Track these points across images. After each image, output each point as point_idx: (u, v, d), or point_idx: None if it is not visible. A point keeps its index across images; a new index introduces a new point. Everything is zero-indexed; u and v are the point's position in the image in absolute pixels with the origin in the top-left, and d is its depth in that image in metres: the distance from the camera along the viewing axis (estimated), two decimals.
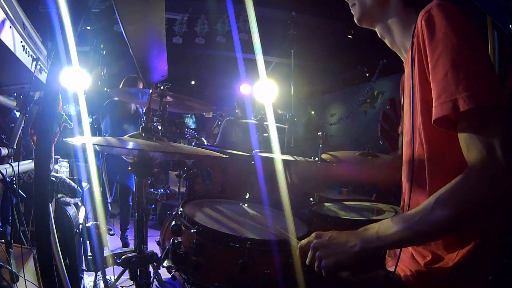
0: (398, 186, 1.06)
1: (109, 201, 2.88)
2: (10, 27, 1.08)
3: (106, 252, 1.58)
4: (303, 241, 0.88)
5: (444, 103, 0.71)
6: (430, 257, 0.84)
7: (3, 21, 1.03)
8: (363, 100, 4.89)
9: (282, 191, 1.47)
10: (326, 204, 1.98)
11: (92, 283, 1.99)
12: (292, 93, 3.19)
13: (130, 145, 1.19)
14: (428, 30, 0.76)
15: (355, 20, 1.01)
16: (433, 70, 0.75)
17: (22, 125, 1.68)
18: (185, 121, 8.04)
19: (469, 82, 0.68)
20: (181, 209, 1.35)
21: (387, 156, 2.03)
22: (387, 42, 1.01)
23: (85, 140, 1.28)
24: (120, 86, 3.38)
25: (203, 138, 4.35)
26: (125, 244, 3.41)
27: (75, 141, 1.19)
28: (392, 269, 0.94)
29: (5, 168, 1.31)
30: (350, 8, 1.02)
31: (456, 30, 0.73)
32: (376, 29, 1.01)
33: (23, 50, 1.20)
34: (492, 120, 0.68)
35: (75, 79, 1.72)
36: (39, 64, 1.33)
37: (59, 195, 1.82)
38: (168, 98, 2.16)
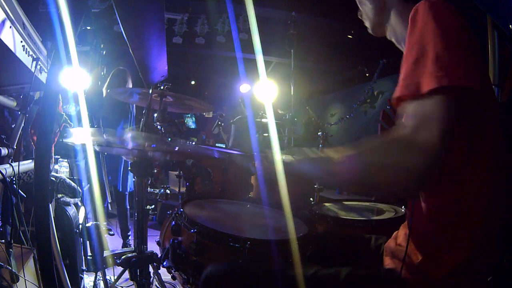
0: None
1: (109, 201, 2.87)
2: (10, 27, 1.08)
3: (106, 252, 1.58)
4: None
5: (409, 85, 0.72)
6: (423, 257, 0.84)
7: (3, 21, 1.03)
8: (363, 100, 4.89)
9: (282, 191, 1.47)
10: (326, 204, 1.98)
11: (92, 283, 1.99)
12: (292, 93, 3.18)
13: (130, 145, 1.19)
14: (411, 25, 0.78)
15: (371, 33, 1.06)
16: (405, 57, 0.76)
17: (22, 125, 1.68)
18: (185, 121, 8.03)
19: (434, 68, 0.68)
20: (181, 209, 1.35)
21: None
22: (394, 41, 1.03)
23: (85, 140, 1.28)
24: (109, 79, 3.35)
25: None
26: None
27: (75, 140, 1.19)
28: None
29: (5, 168, 1.31)
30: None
31: (435, 21, 0.73)
32: (387, 35, 1.04)
33: (23, 50, 1.20)
34: (439, 105, 0.67)
35: (75, 79, 1.72)
36: (39, 64, 1.33)
37: (59, 195, 1.82)
38: (168, 98, 2.15)
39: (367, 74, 4.98)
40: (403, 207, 1.75)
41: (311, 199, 2.10)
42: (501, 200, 0.83)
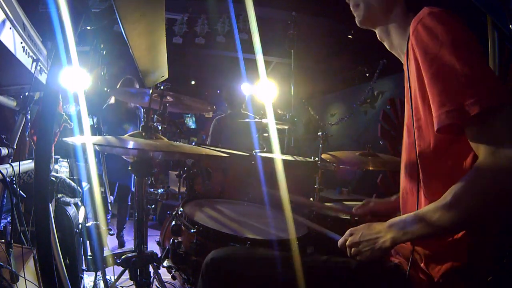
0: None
1: (109, 201, 2.87)
2: (10, 28, 1.08)
3: (106, 252, 1.58)
4: (341, 240, 0.95)
5: (450, 112, 0.73)
6: (424, 256, 0.86)
7: (3, 22, 1.03)
8: (363, 100, 4.88)
9: (282, 191, 1.47)
10: (326, 204, 1.98)
11: (92, 283, 1.98)
12: (292, 93, 3.18)
13: (131, 144, 1.19)
14: (420, 42, 0.78)
15: (357, 21, 1.02)
16: (431, 81, 0.76)
17: (22, 125, 1.68)
18: (185, 121, 8.03)
19: (472, 89, 0.71)
20: (181, 209, 1.35)
21: (386, 156, 2.03)
22: (386, 45, 1.03)
23: (85, 140, 1.28)
24: (118, 86, 3.38)
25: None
26: (121, 243, 3.35)
27: (75, 140, 1.19)
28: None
29: (5, 168, 1.31)
30: (352, 8, 1.03)
31: (449, 40, 0.74)
32: (376, 31, 1.02)
33: (23, 51, 1.20)
34: (498, 118, 0.71)
35: (75, 79, 1.72)
36: (39, 65, 1.32)
37: (59, 195, 1.82)
38: (168, 98, 2.15)
39: (367, 74, 4.97)
40: None
41: (311, 199, 2.10)
42: None
